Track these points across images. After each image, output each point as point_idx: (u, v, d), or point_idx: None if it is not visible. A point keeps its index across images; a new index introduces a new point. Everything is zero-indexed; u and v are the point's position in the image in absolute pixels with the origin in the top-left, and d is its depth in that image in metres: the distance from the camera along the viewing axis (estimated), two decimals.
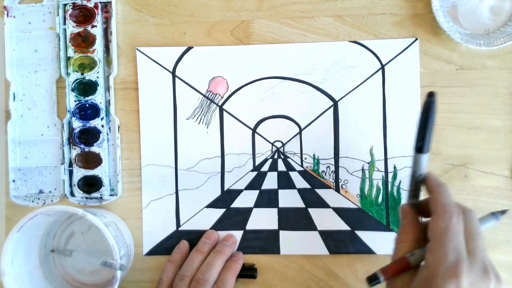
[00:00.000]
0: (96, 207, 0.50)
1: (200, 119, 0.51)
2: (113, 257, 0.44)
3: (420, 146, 0.37)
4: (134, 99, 0.51)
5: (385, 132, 0.49)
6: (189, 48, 0.50)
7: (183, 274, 0.46)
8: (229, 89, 0.50)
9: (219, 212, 0.50)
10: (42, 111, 0.51)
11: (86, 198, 0.50)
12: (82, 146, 0.50)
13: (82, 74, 0.50)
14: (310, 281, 0.49)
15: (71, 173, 0.50)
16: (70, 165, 0.50)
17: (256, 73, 0.50)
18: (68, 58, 0.50)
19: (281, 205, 0.50)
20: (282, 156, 0.50)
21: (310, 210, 0.50)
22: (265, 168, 0.50)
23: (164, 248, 0.50)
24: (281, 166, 0.50)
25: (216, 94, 0.50)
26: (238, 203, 0.50)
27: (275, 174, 0.50)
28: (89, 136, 0.50)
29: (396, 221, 0.49)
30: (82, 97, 0.50)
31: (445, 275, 0.32)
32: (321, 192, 0.50)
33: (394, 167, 0.49)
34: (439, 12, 0.47)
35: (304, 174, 0.50)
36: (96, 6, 0.50)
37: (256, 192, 0.50)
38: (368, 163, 0.49)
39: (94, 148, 0.50)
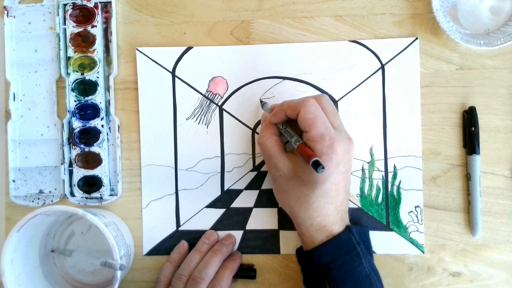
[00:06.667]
0: (96, 207, 0.50)
1: (200, 119, 0.51)
2: (113, 257, 0.44)
3: None
4: (134, 99, 0.51)
5: (385, 132, 0.49)
6: (189, 48, 0.50)
7: (181, 273, 0.46)
8: (229, 89, 0.50)
9: (219, 212, 0.50)
10: (42, 111, 0.51)
11: (86, 198, 0.50)
12: (82, 146, 0.50)
13: (82, 74, 0.50)
14: None
15: (71, 173, 0.50)
16: (70, 165, 0.50)
17: (256, 73, 0.50)
18: (68, 58, 0.50)
19: None
20: None
21: None
22: (265, 168, 0.50)
23: (164, 248, 0.50)
24: None
25: (216, 94, 0.50)
26: (238, 203, 0.50)
27: None
28: (89, 136, 0.50)
29: (396, 220, 0.49)
30: (82, 97, 0.50)
31: (326, 153, 0.40)
32: None
33: (394, 167, 0.49)
34: (439, 12, 0.47)
35: None
36: (96, 6, 0.50)
37: (256, 192, 0.50)
38: (368, 162, 0.49)
39: (94, 148, 0.50)
